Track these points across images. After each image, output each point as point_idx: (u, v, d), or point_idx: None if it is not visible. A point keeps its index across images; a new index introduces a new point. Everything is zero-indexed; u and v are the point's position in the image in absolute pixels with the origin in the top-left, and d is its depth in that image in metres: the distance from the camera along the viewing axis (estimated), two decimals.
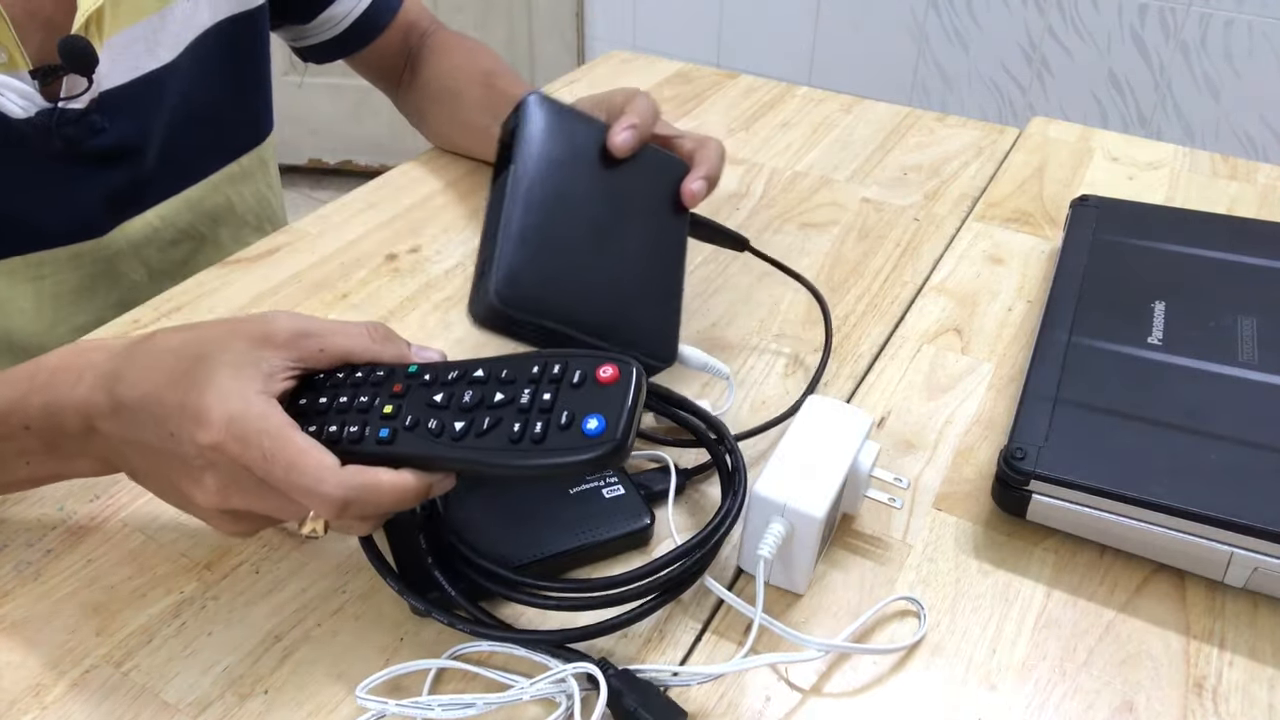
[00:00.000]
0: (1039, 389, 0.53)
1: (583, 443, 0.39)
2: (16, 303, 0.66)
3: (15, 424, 0.45)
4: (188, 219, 0.74)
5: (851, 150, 0.88)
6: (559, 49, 2.30)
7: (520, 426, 0.40)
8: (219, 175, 0.76)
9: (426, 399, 0.42)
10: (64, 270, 0.67)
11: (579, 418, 0.40)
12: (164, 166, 0.71)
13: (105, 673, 0.43)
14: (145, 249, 0.72)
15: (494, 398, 0.41)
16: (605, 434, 0.39)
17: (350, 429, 0.42)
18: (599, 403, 0.40)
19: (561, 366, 0.42)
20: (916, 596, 0.47)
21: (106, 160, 0.66)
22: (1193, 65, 1.70)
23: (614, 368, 0.41)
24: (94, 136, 0.64)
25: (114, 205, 0.69)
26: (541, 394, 0.41)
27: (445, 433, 0.41)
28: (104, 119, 0.64)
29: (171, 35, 0.67)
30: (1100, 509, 0.48)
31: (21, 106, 0.60)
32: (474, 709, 0.41)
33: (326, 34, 0.83)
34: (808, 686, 0.43)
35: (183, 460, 0.41)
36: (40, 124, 0.61)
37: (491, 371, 0.43)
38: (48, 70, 0.60)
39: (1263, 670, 0.44)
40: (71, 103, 0.62)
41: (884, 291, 0.69)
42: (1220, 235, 0.66)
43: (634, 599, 0.44)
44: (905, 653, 0.45)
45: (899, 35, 1.92)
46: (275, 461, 0.39)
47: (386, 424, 0.42)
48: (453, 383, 0.43)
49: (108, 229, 0.69)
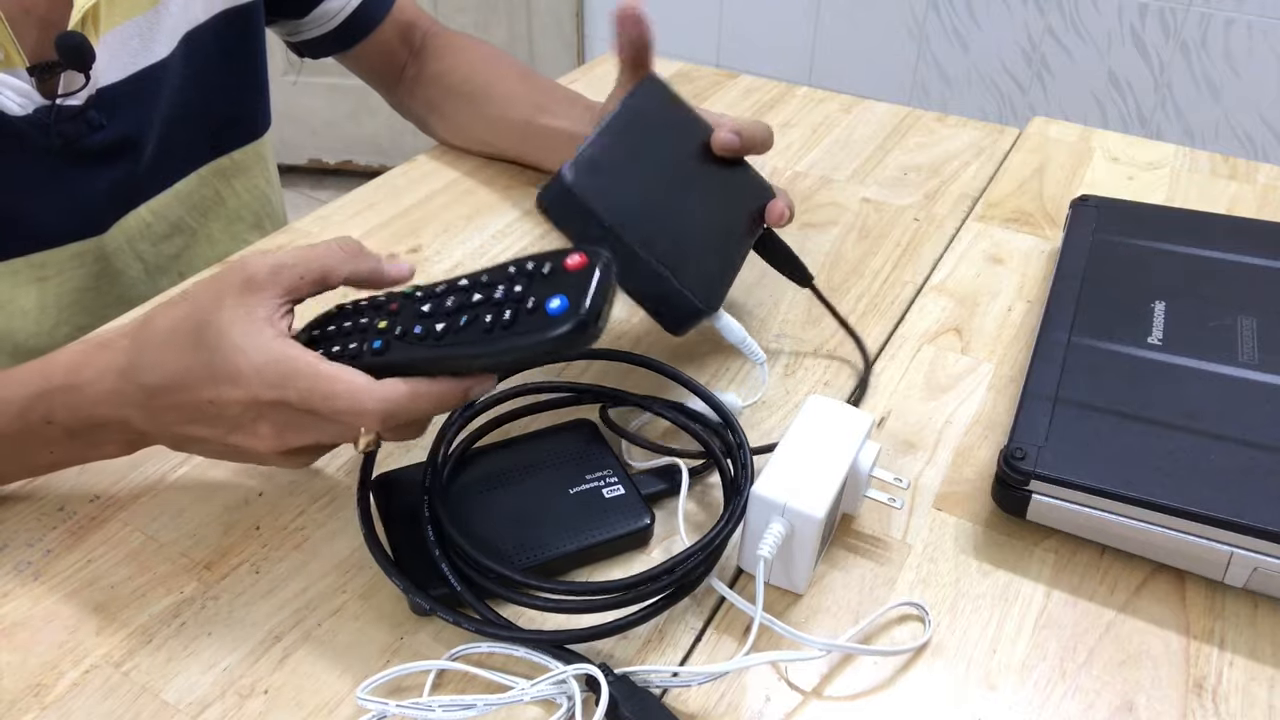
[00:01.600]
0: (1039, 389, 0.53)
1: (547, 322, 0.41)
2: (19, 304, 0.66)
3: (36, 419, 0.46)
4: (178, 212, 0.75)
5: (851, 150, 0.88)
6: (559, 49, 2.30)
7: (492, 317, 0.42)
8: (207, 169, 0.76)
9: (416, 311, 0.45)
10: (66, 270, 0.67)
11: (543, 300, 0.42)
12: (158, 161, 0.71)
13: (105, 673, 0.43)
14: (139, 243, 0.72)
15: (472, 299, 0.44)
16: (568, 312, 0.41)
17: (350, 345, 0.45)
18: (564, 286, 0.42)
19: (536, 263, 0.44)
20: (919, 599, 0.47)
21: (105, 157, 0.66)
22: (1193, 65, 1.70)
23: (582, 255, 0.43)
24: (92, 133, 0.64)
25: (113, 201, 0.69)
26: (514, 286, 0.43)
27: (429, 336, 0.44)
28: (101, 115, 0.64)
29: (166, 30, 0.67)
30: (1100, 509, 0.48)
31: (19, 104, 0.60)
32: (474, 710, 0.41)
33: (321, 29, 0.83)
34: (808, 687, 0.43)
35: (232, 421, 0.43)
36: (38, 121, 0.61)
37: (476, 279, 0.45)
38: (45, 67, 0.60)
39: (1263, 670, 0.44)
40: (69, 99, 0.62)
41: (884, 291, 0.69)
42: (1220, 235, 0.66)
43: (639, 602, 0.44)
44: (892, 627, 0.45)
45: (899, 35, 1.92)
46: (313, 395, 0.42)
47: (380, 336, 0.45)
48: (441, 295, 0.45)
49: (107, 226, 0.69)
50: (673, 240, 0.53)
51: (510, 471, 0.51)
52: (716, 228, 0.57)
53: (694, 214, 0.56)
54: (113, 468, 0.53)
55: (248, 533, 0.50)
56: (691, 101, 0.62)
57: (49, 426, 0.46)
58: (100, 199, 0.68)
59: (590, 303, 0.41)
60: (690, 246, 0.54)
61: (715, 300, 0.55)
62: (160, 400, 0.44)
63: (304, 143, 2.39)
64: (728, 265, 0.56)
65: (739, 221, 0.60)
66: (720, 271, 0.56)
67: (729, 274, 0.56)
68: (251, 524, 0.50)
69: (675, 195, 0.56)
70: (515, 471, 0.51)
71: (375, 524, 0.48)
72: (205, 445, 0.46)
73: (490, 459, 0.52)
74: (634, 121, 0.56)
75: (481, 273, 0.45)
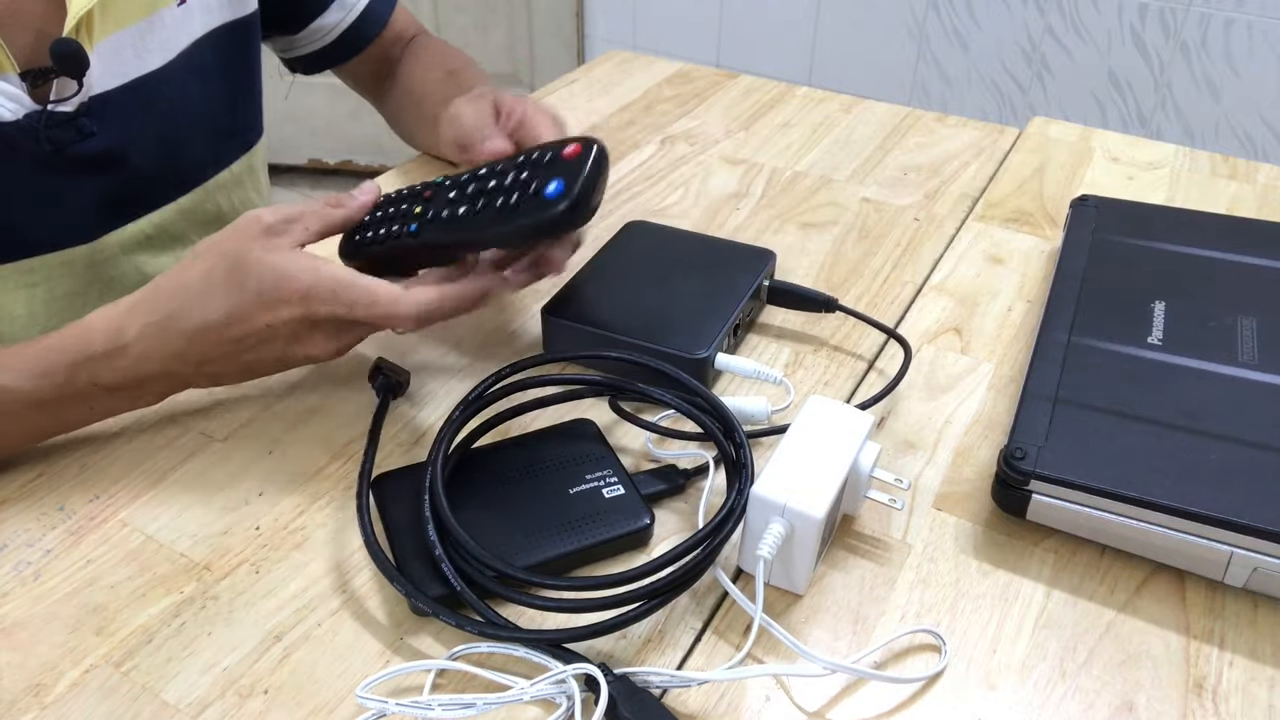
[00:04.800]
0: (1039, 389, 0.53)
1: (545, 204, 0.49)
2: (8, 309, 0.65)
3: (82, 384, 0.51)
4: (181, 226, 0.74)
5: (851, 150, 0.88)
6: (559, 49, 2.29)
7: (503, 200, 0.51)
8: (212, 183, 0.77)
9: (445, 197, 0.54)
10: (55, 277, 0.67)
11: (544, 184, 0.49)
12: (158, 173, 0.71)
13: (105, 673, 0.43)
14: (138, 255, 0.72)
15: (488, 185, 0.52)
16: (563, 194, 0.49)
17: (393, 228, 0.54)
18: (561, 171, 0.50)
19: (540, 153, 0.52)
20: (939, 629, 0.46)
21: (96, 165, 0.66)
22: (1193, 65, 1.70)
23: (576, 145, 0.51)
24: (82, 140, 0.64)
25: (105, 211, 0.69)
26: (521, 174, 0.51)
27: (453, 219, 0.52)
28: (93, 123, 0.64)
29: (159, 41, 0.67)
30: (1100, 509, 0.48)
31: (9, 109, 0.59)
32: (474, 709, 0.41)
33: (315, 45, 0.83)
34: (808, 690, 0.43)
35: (289, 337, 0.51)
36: (28, 126, 0.61)
37: (493, 168, 0.54)
38: (38, 73, 0.60)
39: (1263, 670, 0.44)
40: (61, 105, 0.62)
41: (884, 291, 0.69)
42: (1220, 235, 0.66)
43: (641, 597, 0.44)
44: (904, 650, 0.45)
45: (899, 35, 1.92)
46: (357, 305, 0.49)
47: (415, 221, 0.54)
48: (465, 183, 0.54)
49: (98, 235, 0.68)
50: (652, 321, 0.60)
51: (510, 471, 0.51)
52: (700, 297, 0.62)
53: (671, 296, 0.62)
54: (113, 468, 0.54)
55: (248, 533, 0.50)
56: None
57: (93, 388, 0.51)
58: (90, 207, 0.67)
59: (581, 186, 0.49)
60: (669, 321, 0.60)
61: (701, 347, 0.58)
62: (211, 338, 0.50)
63: (304, 143, 2.39)
64: (720, 320, 0.60)
65: (725, 285, 0.63)
66: (711, 326, 0.59)
67: (720, 325, 0.59)
68: (251, 524, 0.50)
69: (647, 291, 0.62)
70: (515, 471, 0.51)
71: (375, 524, 0.48)
72: (263, 364, 0.52)
73: (490, 459, 0.52)
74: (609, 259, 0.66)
75: (498, 162, 0.54)
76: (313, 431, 0.56)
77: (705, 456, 0.53)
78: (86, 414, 0.53)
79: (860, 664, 0.44)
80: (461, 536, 0.45)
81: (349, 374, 0.60)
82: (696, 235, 0.69)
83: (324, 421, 0.57)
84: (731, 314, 0.60)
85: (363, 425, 0.57)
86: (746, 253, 0.67)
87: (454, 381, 0.60)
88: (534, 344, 0.63)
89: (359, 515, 0.48)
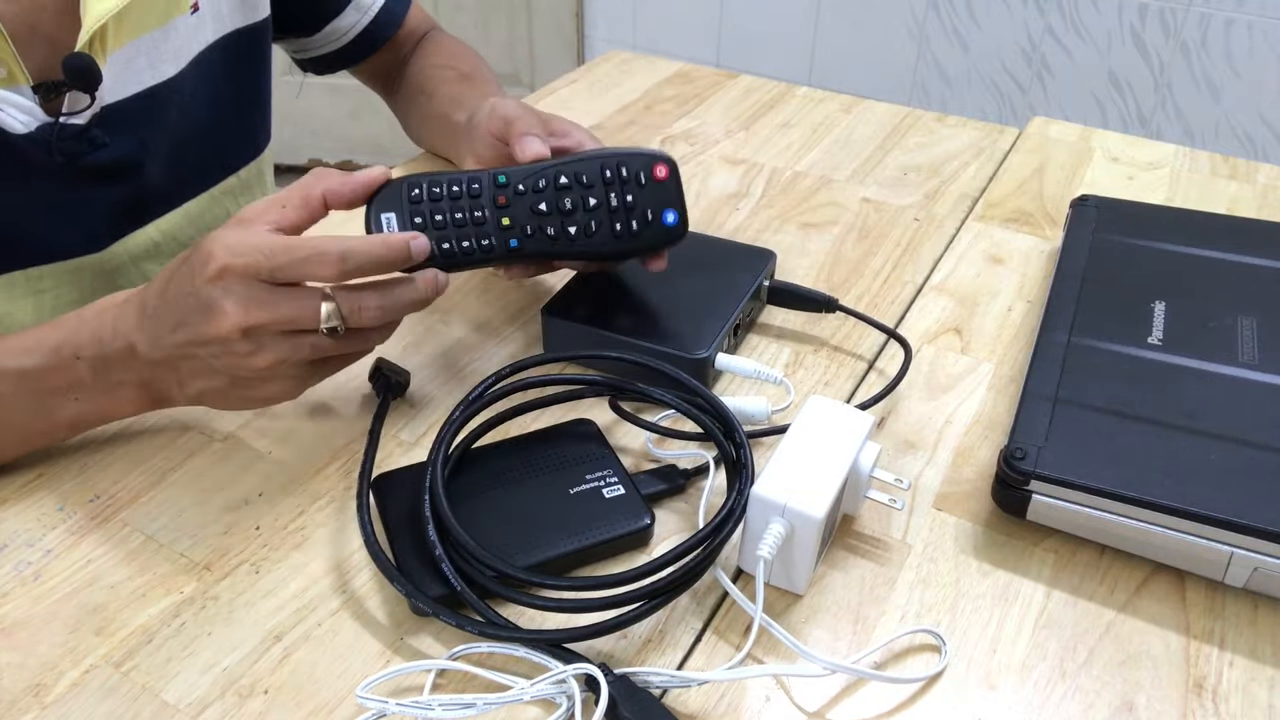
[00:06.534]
0: (1039, 389, 0.53)
1: (667, 231, 0.56)
2: (16, 317, 0.65)
3: (68, 354, 0.50)
4: (189, 233, 0.74)
5: (851, 150, 0.88)
6: (559, 49, 2.30)
7: (621, 225, 0.55)
8: (219, 189, 0.76)
9: (531, 206, 0.55)
10: (64, 284, 0.67)
11: (658, 214, 0.56)
12: (166, 181, 0.71)
13: (105, 673, 0.43)
14: (146, 263, 0.72)
15: (587, 202, 0.55)
16: (680, 223, 0.56)
17: (482, 242, 0.54)
18: (667, 198, 0.56)
19: (628, 169, 0.55)
20: (930, 625, 0.46)
21: (108, 175, 0.65)
22: (1193, 65, 1.70)
23: (664, 166, 0.55)
24: (94, 151, 0.64)
25: (115, 220, 0.68)
26: (625, 196, 0.55)
27: (562, 238, 0.55)
28: (105, 134, 0.64)
29: (173, 50, 0.67)
30: (1100, 509, 0.48)
31: (22, 122, 0.59)
32: (474, 709, 0.41)
33: (330, 46, 0.83)
34: (809, 690, 0.43)
35: (201, 304, 0.46)
36: (40, 139, 0.60)
37: (574, 177, 0.55)
38: (50, 86, 0.60)
39: (1263, 670, 0.44)
40: (73, 118, 0.61)
41: (884, 291, 0.69)
42: (1220, 235, 0.66)
43: (641, 597, 0.44)
44: (904, 651, 0.45)
45: (899, 35, 1.92)
46: (275, 253, 0.46)
47: (511, 235, 0.54)
48: (543, 190, 0.55)
49: (108, 243, 0.68)
50: (652, 321, 0.61)
51: (510, 471, 0.51)
52: (700, 297, 0.62)
53: (671, 296, 0.63)
54: (113, 468, 0.54)
55: (248, 533, 0.50)
56: None
57: (77, 363, 0.50)
58: (101, 216, 0.67)
59: (686, 212, 0.56)
60: (669, 321, 0.61)
61: (701, 347, 0.58)
62: (149, 310, 0.49)
63: (304, 143, 2.39)
64: (720, 319, 0.60)
65: (726, 285, 0.63)
66: (711, 326, 0.60)
67: (720, 325, 0.60)
68: (251, 524, 0.50)
69: (648, 291, 0.63)
70: (515, 471, 0.51)
71: (375, 524, 0.48)
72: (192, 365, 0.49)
73: (490, 459, 0.52)
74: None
75: (569, 168, 0.55)
76: (313, 431, 0.56)
77: (705, 456, 0.53)
78: (74, 405, 0.51)
79: (860, 664, 0.44)
80: (462, 536, 0.45)
81: (349, 374, 0.60)
82: (696, 235, 0.69)
83: (324, 421, 0.57)
84: (732, 314, 0.60)
85: (363, 425, 0.57)
86: (747, 253, 0.67)
87: (454, 381, 0.60)
88: (534, 344, 0.64)
89: (359, 515, 0.48)
